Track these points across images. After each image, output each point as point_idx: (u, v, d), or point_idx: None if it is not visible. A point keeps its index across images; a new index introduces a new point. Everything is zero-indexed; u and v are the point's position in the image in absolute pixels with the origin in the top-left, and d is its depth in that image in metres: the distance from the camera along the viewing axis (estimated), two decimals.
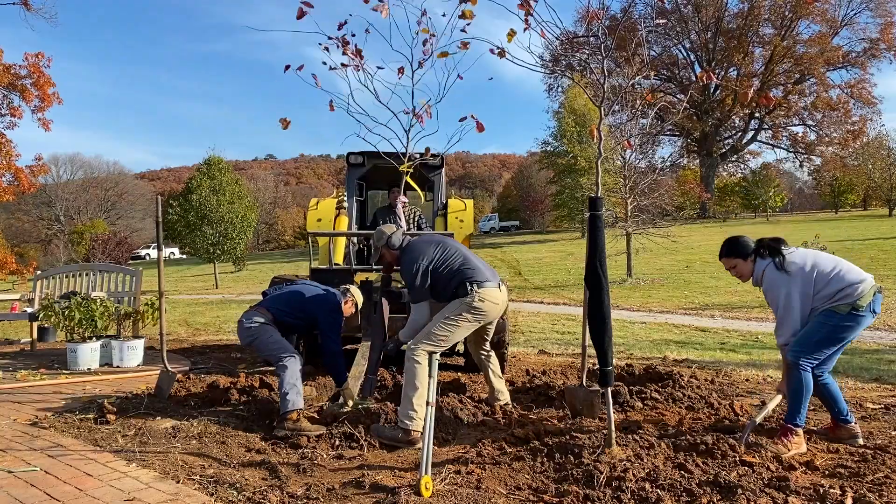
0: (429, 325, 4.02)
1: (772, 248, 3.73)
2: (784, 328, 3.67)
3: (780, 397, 3.91)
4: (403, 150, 5.10)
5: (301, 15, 4.19)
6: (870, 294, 3.61)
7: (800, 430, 3.62)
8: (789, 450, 3.51)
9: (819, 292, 3.62)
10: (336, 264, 6.56)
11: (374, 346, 4.66)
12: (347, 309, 4.84)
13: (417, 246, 4.23)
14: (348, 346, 7.14)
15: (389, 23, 4.29)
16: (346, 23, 4.30)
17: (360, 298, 4.97)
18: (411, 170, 4.78)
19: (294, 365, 4.27)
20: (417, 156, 5.56)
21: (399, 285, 5.42)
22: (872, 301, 3.62)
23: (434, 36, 4.32)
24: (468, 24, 4.22)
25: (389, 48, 4.45)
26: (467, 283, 4.01)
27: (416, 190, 5.78)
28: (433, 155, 5.65)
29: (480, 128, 4.52)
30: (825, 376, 3.78)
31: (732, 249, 3.86)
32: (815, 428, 3.97)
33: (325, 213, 7.19)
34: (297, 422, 4.01)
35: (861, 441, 3.68)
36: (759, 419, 3.80)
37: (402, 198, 7.01)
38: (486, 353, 4.61)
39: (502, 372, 5.29)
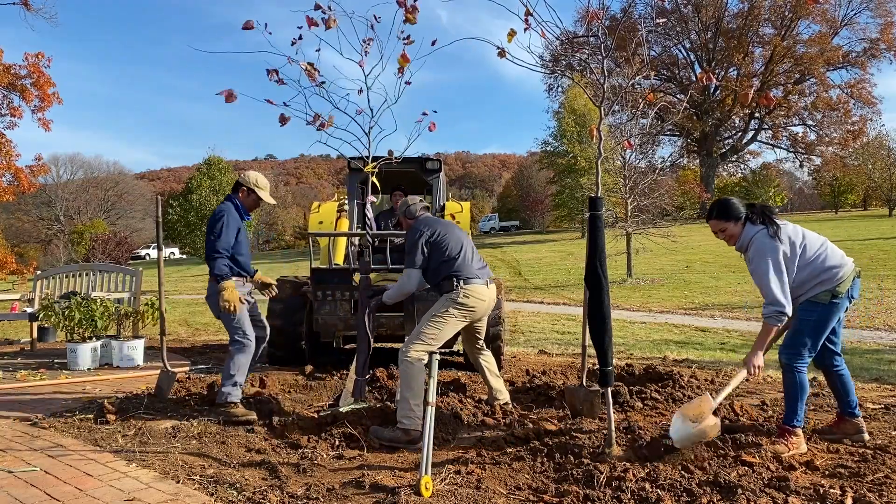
0: (418, 325, 4.08)
1: (766, 215, 3.66)
2: (778, 294, 3.47)
3: (744, 372, 3.70)
4: (420, 155, 5.10)
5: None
6: (849, 280, 3.60)
7: (798, 431, 3.62)
8: (789, 450, 3.51)
9: (800, 270, 3.57)
10: (336, 265, 6.57)
11: (360, 349, 4.65)
12: (245, 199, 4.67)
13: (428, 220, 4.35)
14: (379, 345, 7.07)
15: (336, 33, 4.24)
16: (301, 38, 4.24)
17: (257, 178, 4.73)
18: (376, 170, 4.78)
19: (248, 351, 4.45)
20: (418, 158, 5.54)
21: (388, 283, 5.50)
22: (851, 287, 3.62)
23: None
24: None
25: (351, 45, 4.40)
26: (453, 279, 4.07)
27: (379, 192, 5.84)
28: (420, 157, 5.62)
29: (432, 127, 4.56)
30: (842, 367, 3.79)
31: (723, 212, 3.73)
32: (819, 427, 3.95)
33: (327, 215, 7.23)
34: (228, 408, 4.28)
35: (867, 437, 3.68)
36: (720, 398, 3.70)
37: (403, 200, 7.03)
38: (479, 350, 4.61)
39: (499, 369, 5.30)
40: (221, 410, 4.29)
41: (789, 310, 3.50)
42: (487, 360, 4.63)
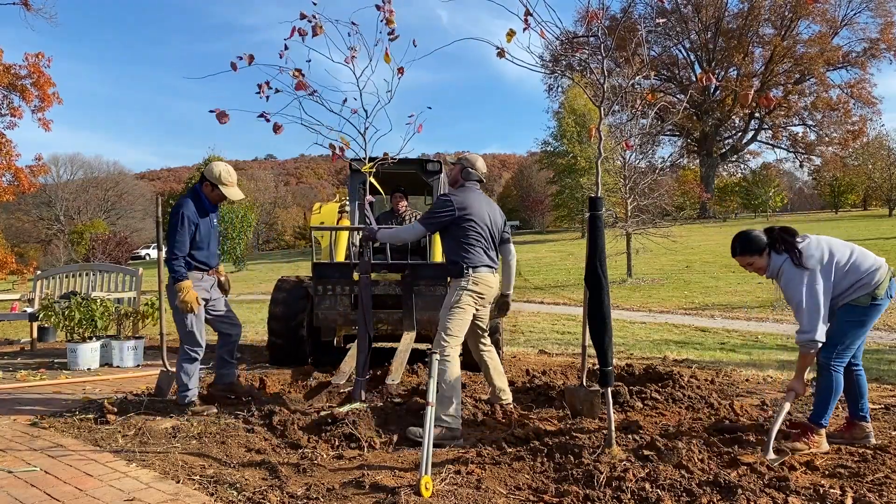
0: (440, 325, 4.14)
1: (786, 241, 3.59)
2: (811, 323, 3.45)
3: (791, 396, 3.66)
4: (420, 156, 5.05)
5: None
6: (886, 280, 3.59)
7: (822, 431, 3.61)
8: (809, 448, 3.51)
9: (838, 283, 3.55)
10: None
11: (360, 349, 4.65)
12: (210, 193, 4.64)
13: (468, 196, 4.29)
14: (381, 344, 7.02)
15: (325, 39, 4.25)
16: (287, 48, 4.27)
17: (221, 172, 4.62)
18: (373, 170, 4.77)
19: (195, 361, 4.61)
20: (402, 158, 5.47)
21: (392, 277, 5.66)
22: (889, 287, 3.60)
23: (393, 24, 4.24)
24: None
25: (339, 49, 4.38)
26: (463, 265, 4.18)
27: (381, 193, 5.85)
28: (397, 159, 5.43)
29: (419, 129, 4.57)
30: (860, 368, 3.78)
31: (746, 247, 3.69)
32: (830, 432, 3.93)
33: (328, 216, 7.26)
34: (188, 408, 4.51)
35: (873, 440, 3.68)
36: (777, 425, 3.53)
37: (404, 202, 7.03)
38: (485, 348, 4.60)
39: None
40: (191, 411, 4.50)
41: (820, 336, 3.45)
42: (491, 356, 4.61)
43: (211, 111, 4.13)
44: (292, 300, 6.25)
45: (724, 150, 51.57)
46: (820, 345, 3.51)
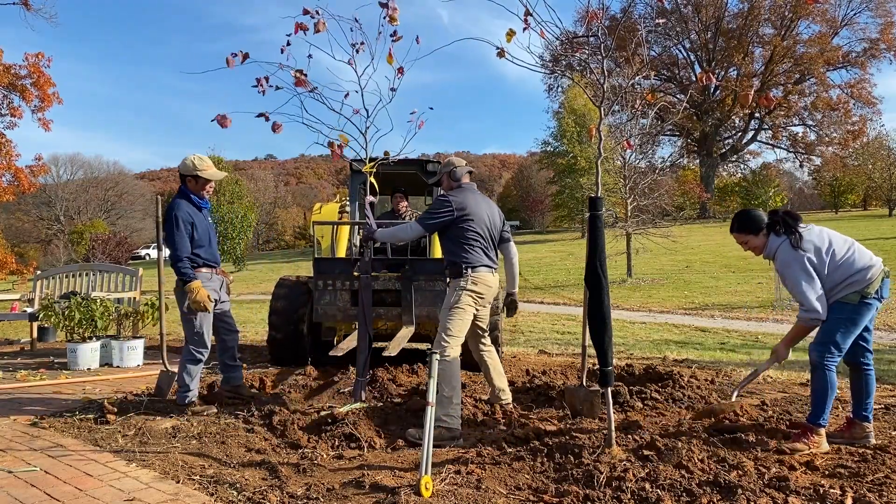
0: (440, 325, 4.15)
1: (788, 224, 3.61)
2: (811, 301, 3.48)
3: (774, 359, 3.83)
4: (420, 156, 5.03)
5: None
6: (878, 280, 3.59)
7: (822, 431, 3.60)
8: (809, 448, 3.51)
9: (829, 276, 3.56)
10: None
11: (360, 349, 4.65)
12: (194, 187, 4.62)
13: (466, 196, 4.30)
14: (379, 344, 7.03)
15: (327, 36, 4.23)
16: (289, 44, 4.26)
17: (193, 161, 4.58)
18: (374, 170, 4.76)
19: (199, 362, 4.62)
20: (389, 158, 5.44)
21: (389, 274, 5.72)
22: (880, 287, 3.60)
23: (397, 21, 4.22)
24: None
25: (341, 47, 4.36)
26: (462, 265, 4.19)
27: (377, 193, 5.87)
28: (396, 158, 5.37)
29: (421, 124, 4.57)
30: (871, 367, 3.80)
31: (744, 224, 3.73)
32: (830, 432, 3.94)
33: (328, 217, 7.29)
34: (188, 408, 4.51)
35: (873, 441, 3.68)
36: (750, 378, 4.16)
37: (404, 202, 7.03)
38: (486, 349, 4.60)
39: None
40: (191, 411, 4.49)
41: (824, 314, 3.52)
42: (492, 356, 4.61)
43: (213, 120, 4.11)
44: (294, 296, 6.28)
45: (724, 150, 51.55)
46: (821, 322, 3.56)
